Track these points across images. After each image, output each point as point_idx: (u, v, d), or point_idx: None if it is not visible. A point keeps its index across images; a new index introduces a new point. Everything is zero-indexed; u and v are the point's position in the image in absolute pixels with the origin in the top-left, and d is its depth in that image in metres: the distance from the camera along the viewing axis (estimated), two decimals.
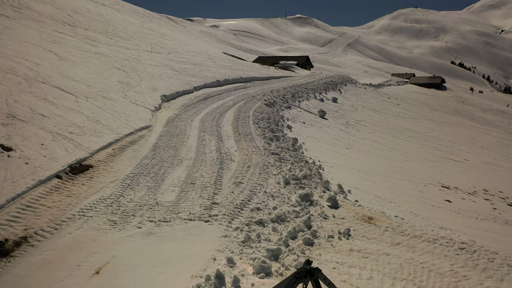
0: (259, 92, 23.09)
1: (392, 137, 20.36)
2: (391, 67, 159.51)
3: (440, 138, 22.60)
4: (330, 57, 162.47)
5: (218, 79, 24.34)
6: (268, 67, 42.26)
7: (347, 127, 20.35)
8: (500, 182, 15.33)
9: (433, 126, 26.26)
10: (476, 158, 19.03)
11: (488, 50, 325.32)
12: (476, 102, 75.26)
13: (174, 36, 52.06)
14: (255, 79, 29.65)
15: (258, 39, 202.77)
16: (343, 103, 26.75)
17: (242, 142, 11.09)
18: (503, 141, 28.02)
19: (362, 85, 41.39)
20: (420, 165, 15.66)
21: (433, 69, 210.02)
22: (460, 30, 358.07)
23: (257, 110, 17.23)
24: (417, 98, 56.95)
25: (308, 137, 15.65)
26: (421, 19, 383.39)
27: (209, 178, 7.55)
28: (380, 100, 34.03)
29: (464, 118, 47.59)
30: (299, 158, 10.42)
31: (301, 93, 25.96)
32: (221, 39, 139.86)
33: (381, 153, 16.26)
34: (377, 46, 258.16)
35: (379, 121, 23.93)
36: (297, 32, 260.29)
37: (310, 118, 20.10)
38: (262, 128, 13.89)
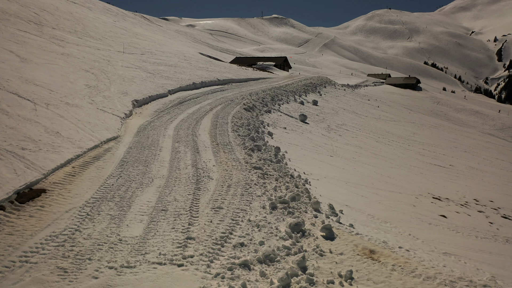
0: (238, 95, 22.13)
1: (375, 141, 19.75)
2: (367, 68, 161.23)
3: (422, 142, 22.16)
4: (307, 57, 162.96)
5: (194, 82, 23.24)
6: (246, 68, 41.32)
7: (329, 131, 19.62)
8: (488, 189, 14.85)
9: (414, 129, 25.90)
10: (460, 163, 18.60)
11: (459, 51, 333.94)
12: (451, 102, 76.42)
13: (149, 36, 50.47)
14: (233, 81, 28.66)
15: (235, 39, 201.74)
16: (323, 106, 26.07)
17: (221, 154, 10.11)
18: (482, 143, 27.98)
19: (341, 87, 40.98)
20: (407, 172, 15.02)
21: (407, 69, 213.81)
22: (432, 31, 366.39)
23: (236, 116, 16.27)
24: (394, 99, 57.15)
25: (291, 144, 14.79)
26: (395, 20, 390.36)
27: (183, 203, 6.54)
28: (360, 102, 33.58)
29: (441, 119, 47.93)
30: (283, 172, 9.51)
31: (281, 96, 25.14)
32: (198, 39, 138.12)
33: (366, 160, 15.56)
34: (353, 46, 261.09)
35: (361, 124, 23.33)
36: (273, 32, 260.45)
37: (291, 122, 19.28)
38: (242, 136, 12.93)
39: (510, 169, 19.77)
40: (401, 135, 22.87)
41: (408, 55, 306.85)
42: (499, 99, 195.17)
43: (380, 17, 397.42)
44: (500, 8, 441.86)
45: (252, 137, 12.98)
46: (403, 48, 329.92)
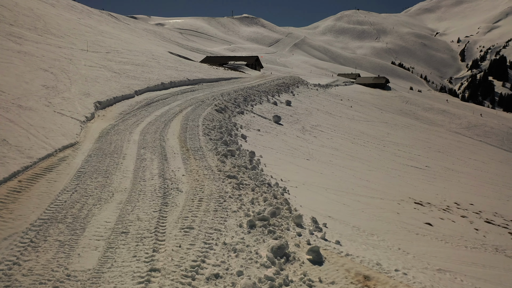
0: (209, 95, 21.23)
1: (350, 143, 19.31)
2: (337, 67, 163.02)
3: (397, 142, 21.94)
4: (277, 57, 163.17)
5: (163, 82, 22.16)
6: (217, 68, 40.37)
7: (304, 133, 19.03)
8: (465, 191, 14.61)
9: (387, 129, 25.74)
10: (436, 164, 18.40)
11: (425, 51, 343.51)
12: (419, 101, 77.88)
13: (115, 34, 48.66)
14: (204, 81, 27.70)
15: (205, 38, 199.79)
16: (297, 107, 25.51)
17: (191, 161, 9.24)
18: (454, 143, 28.18)
19: (314, 87, 40.66)
20: (385, 175, 14.58)
21: (376, 69, 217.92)
22: (399, 32, 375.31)
23: (207, 118, 15.40)
24: (364, 98, 57.58)
25: (265, 147, 14.06)
26: (363, 21, 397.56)
27: (148, 222, 5.66)
28: (333, 102, 33.29)
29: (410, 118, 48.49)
30: (260, 180, 8.76)
31: (254, 96, 24.40)
32: (167, 38, 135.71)
33: (343, 163, 15.03)
34: (322, 46, 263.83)
35: (335, 125, 22.90)
36: (244, 31, 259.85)
37: (264, 124, 18.57)
38: (214, 140, 12.09)
39: (483, 169, 19.77)
40: (375, 135, 22.57)
41: (376, 55, 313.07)
42: (462, 98, 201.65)
43: (349, 17, 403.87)
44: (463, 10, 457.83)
45: (225, 141, 12.16)
46: (371, 48, 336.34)
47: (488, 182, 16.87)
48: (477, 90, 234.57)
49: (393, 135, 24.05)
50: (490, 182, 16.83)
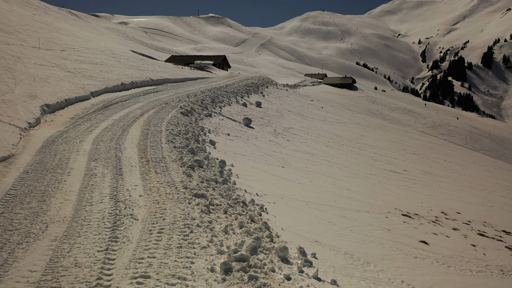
0: (173, 97, 19.71)
1: (325, 146, 18.32)
2: (303, 67, 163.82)
3: (371, 144, 21.17)
4: (244, 57, 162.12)
5: (123, 82, 20.43)
6: (183, 67, 38.67)
7: (277, 136, 17.87)
8: (448, 197, 13.86)
9: (361, 131, 25.02)
10: (413, 168, 17.69)
11: (388, 52, 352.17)
12: (385, 101, 78.75)
13: (73, 31, 45.94)
14: (168, 81, 26.07)
15: (171, 37, 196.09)
16: (267, 108, 24.35)
17: (152, 176, 7.82)
18: (427, 144, 27.88)
19: (283, 87, 39.70)
20: (365, 182, 13.61)
21: (341, 69, 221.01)
22: (363, 33, 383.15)
23: (171, 122, 13.93)
24: (332, 98, 57.36)
25: (237, 154, 12.77)
26: (328, 21, 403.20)
27: (89, 269, 4.26)
28: (304, 103, 32.38)
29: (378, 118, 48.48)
30: (233, 198, 7.46)
31: (222, 97, 23.05)
32: (131, 36, 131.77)
33: (320, 169, 13.95)
34: (289, 47, 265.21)
35: (308, 127, 21.89)
36: (210, 31, 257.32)
37: (234, 127, 17.27)
38: (178, 148, 10.68)
39: (459, 171, 19.28)
40: (349, 138, 21.73)
41: (341, 55, 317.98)
42: (424, 98, 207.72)
43: (314, 18, 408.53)
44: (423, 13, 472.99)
45: (191, 149, 10.77)
46: (337, 49, 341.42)
47: (468, 186, 16.28)
48: (438, 90, 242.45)
49: (367, 137, 23.31)
50: (470, 186, 16.25)
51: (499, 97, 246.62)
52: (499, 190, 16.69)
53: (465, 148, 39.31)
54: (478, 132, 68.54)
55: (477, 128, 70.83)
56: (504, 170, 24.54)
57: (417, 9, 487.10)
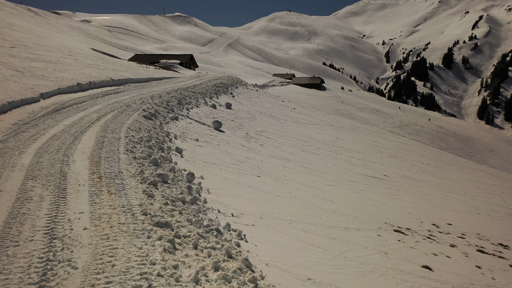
0: (136, 98, 18.06)
1: (301, 151, 17.19)
2: (271, 68, 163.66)
3: (348, 148, 20.24)
4: (212, 57, 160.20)
5: (79, 82, 18.56)
6: (147, 67, 36.72)
7: (249, 141, 16.58)
8: (434, 205, 13.00)
9: (335, 133, 24.13)
10: (393, 172, 16.84)
11: (353, 53, 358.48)
12: (354, 101, 79.14)
13: (28, 28, 42.95)
14: (131, 81, 24.27)
15: (136, 36, 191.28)
16: (238, 110, 23.02)
17: (103, 198, 6.34)
18: (401, 145, 27.37)
19: (253, 87, 38.48)
20: (347, 191, 12.54)
21: (308, 69, 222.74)
22: (329, 34, 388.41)
23: (132, 127, 12.38)
24: (302, 99, 56.80)
25: (207, 163, 11.39)
26: (295, 22, 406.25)
27: None
28: (276, 104, 31.25)
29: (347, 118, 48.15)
30: (204, 225, 6.10)
31: (189, 99, 21.54)
32: (93, 35, 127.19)
33: (298, 177, 12.77)
34: (256, 47, 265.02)
35: (282, 130, 20.73)
36: (177, 30, 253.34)
37: (204, 132, 15.85)
38: (139, 159, 9.19)
39: (439, 175, 18.64)
40: (325, 140, 20.73)
41: (308, 56, 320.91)
42: (389, 98, 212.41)
43: (281, 19, 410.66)
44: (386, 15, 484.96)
45: (154, 159, 9.30)
46: (304, 49, 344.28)
47: (450, 191, 15.57)
48: (402, 89, 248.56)
49: (342, 140, 22.41)
50: (452, 191, 15.54)
51: (459, 96, 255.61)
52: (481, 195, 16.08)
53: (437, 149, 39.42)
54: (443, 131, 69.83)
55: (442, 128, 72.22)
56: (478, 171, 24.28)
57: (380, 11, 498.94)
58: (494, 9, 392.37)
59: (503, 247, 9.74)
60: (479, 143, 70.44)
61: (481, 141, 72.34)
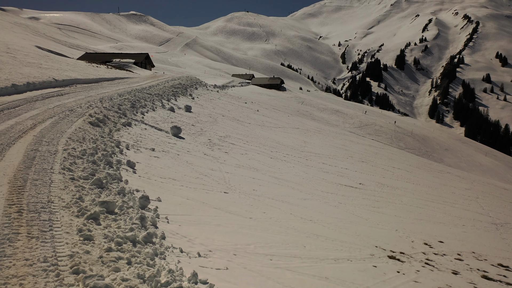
0: (83, 101, 15.91)
1: (269, 158, 15.74)
2: (230, 68, 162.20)
3: (317, 153, 19.02)
4: (169, 57, 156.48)
5: (15, 83, 16.14)
6: (98, 66, 34.03)
7: (212, 148, 14.92)
8: (418, 217, 11.93)
9: (302, 137, 22.90)
10: (367, 179, 15.74)
11: (310, 54, 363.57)
12: (314, 102, 79.13)
13: None
14: (78, 81, 21.88)
15: (88, 35, 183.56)
16: (199, 113, 21.26)
17: (18, 248, 4.52)
18: (368, 148, 26.59)
19: (214, 88, 36.70)
20: (325, 205, 11.19)
21: (267, 70, 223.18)
22: (286, 35, 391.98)
23: (74, 137, 10.40)
24: (263, 100, 55.74)
25: (164, 179, 9.64)
26: (252, 22, 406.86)
27: None
28: (238, 106, 29.67)
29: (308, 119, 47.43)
30: (163, 283, 4.43)
31: (145, 101, 19.55)
32: (41, 32, 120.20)
33: (270, 191, 11.28)
34: (214, 47, 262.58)
35: (247, 135, 19.20)
36: (132, 29, 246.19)
37: (161, 139, 14.03)
38: (78, 180, 7.34)
39: (412, 180, 17.80)
40: (293, 145, 19.40)
41: (267, 56, 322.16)
42: (345, 98, 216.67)
43: (239, 19, 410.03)
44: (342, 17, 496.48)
45: (98, 180, 7.47)
46: (262, 50, 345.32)
47: (428, 199, 14.65)
48: (357, 90, 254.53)
49: (311, 144, 21.18)
50: (431, 199, 14.63)
51: (411, 96, 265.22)
52: (458, 201, 15.31)
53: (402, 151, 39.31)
54: (401, 131, 71.01)
55: (400, 127, 73.48)
56: (445, 174, 23.89)
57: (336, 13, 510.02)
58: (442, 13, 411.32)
59: (504, 268, 8.71)
60: (435, 142, 72.25)
61: (436, 140, 74.27)
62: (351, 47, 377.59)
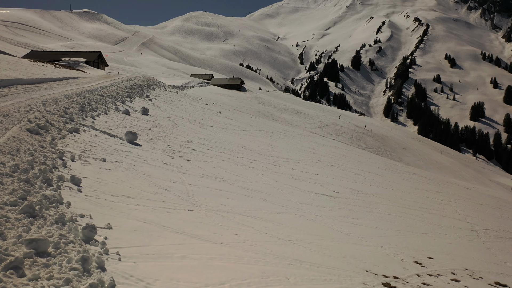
0: (22, 105, 13.95)
1: (236, 165, 14.48)
2: (188, 68, 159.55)
3: (285, 157, 17.96)
4: (124, 56, 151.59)
5: None
6: (45, 65, 31.37)
7: (173, 156, 13.46)
8: (400, 229, 11.08)
9: (268, 140, 21.78)
10: (340, 186, 14.83)
11: (269, 54, 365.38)
12: (274, 102, 78.73)
13: None
14: (20, 82, 19.63)
15: (38, 33, 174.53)
16: (157, 116, 19.64)
17: None
18: (335, 150, 25.91)
19: (173, 88, 34.91)
20: (301, 220, 10.07)
21: (226, 70, 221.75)
22: (245, 35, 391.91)
23: (5, 148, 8.68)
24: (224, 100, 54.45)
25: (117, 198, 8.15)
26: (210, 22, 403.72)
27: None
28: (199, 108, 28.14)
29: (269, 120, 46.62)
30: None
31: (96, 104, 17.72)
32: None
33: (240, 205, 10.02)
34: (172, 46, 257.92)
35: (210, 139, 17.82)
36: (85, 28, 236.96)
37: (114, 147, 12.42)
38: (3, 207, 5.75)
39: (385, 184, 17.11)
40: (259, 150, 18.23)
41: (225, 56, 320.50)
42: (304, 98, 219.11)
43: (197, 19, 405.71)
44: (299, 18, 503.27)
45: (30, 206, 5.90)
46: (220, 50, 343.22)
47: (405, 205, 13.94)
48: (316, 90, 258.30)
49: (277, 148, 20.10)
50: (407, 206, 13.93)
51: (367, 96, 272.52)
52: (434, 207, 14.73)
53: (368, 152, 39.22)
54: (361, 130, 71.84)
55: (359, 127, 74.37)
56: (411, 175, 23.59)
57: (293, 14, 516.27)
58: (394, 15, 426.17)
59: (502, 287, 7.93)
60: (393, 141, 73.65)
61: (394, 139, 75.76)
62: (309, 47, 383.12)
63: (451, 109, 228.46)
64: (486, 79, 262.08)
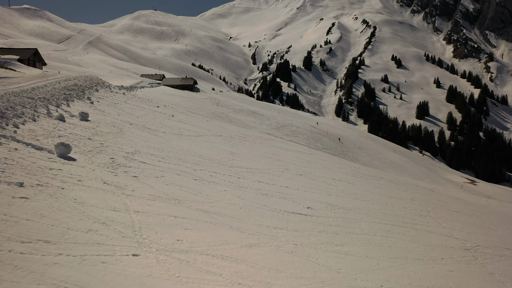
0: None
1: (193, 180, 12.26)
2: (138, 68, 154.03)
3: (249, 167, 15.92)
4: (69, 55, 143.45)
5: None
6: None
7: (116, 172, 11.03)
8: (394, 256, 9.36)
9: (228, 147, 19.66)
10: (314, 200, 13.02)
11: (221, 54, 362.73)
12: (229, 103, 76.88)
13: None
14: None
15: None
16: (99, 121, 16.95)
17: None
18: (299, 155, 24.23)
19: (120, 89, 31.86)
20: (279, 254, 8.09)
21: (178, 70, 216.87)
22: (197, 35, 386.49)
23: None
24: (176, 102, 51.76)
25: (27, 249, 5.74)
26: (161, 21, 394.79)
27: None
28: (149, 111, 25.47)
29: (224, 121, 44.58)
30: None
31: (22, 108, 14.82)
32: None
33: (201, 241, 7.87)
34: (121, 46, 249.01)
35: (162, 148, 15.44)
36: (26, 25, 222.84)
37: (38, 164, 9.82)
38: None
39: (358, 195, 15.54)
40: (219, 159, 16.07)
41: (177, 56, 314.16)
42: (257, 98, 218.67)
43: (147, 17, 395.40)
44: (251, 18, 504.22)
45: None
46: (172, 49, 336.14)
47: (388, 222, 12.34)
48: (269, 90, 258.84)
49: (239, 155, 18.01)
50: (390, 222, 12.34)
51: (319, 96, 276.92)
52: (416, 220, 13.28)
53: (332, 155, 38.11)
54: (317, 131, 71.41)
55: (316, 128, 73.97)
56: (379, 179, 22.37)
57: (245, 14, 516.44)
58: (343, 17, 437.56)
59: None
60: (349, 141, 73.84)
61: (349, 139, 76.05)
62: (261, 48, 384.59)
63: (399, 108, 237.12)
64: (430, 79, 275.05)
